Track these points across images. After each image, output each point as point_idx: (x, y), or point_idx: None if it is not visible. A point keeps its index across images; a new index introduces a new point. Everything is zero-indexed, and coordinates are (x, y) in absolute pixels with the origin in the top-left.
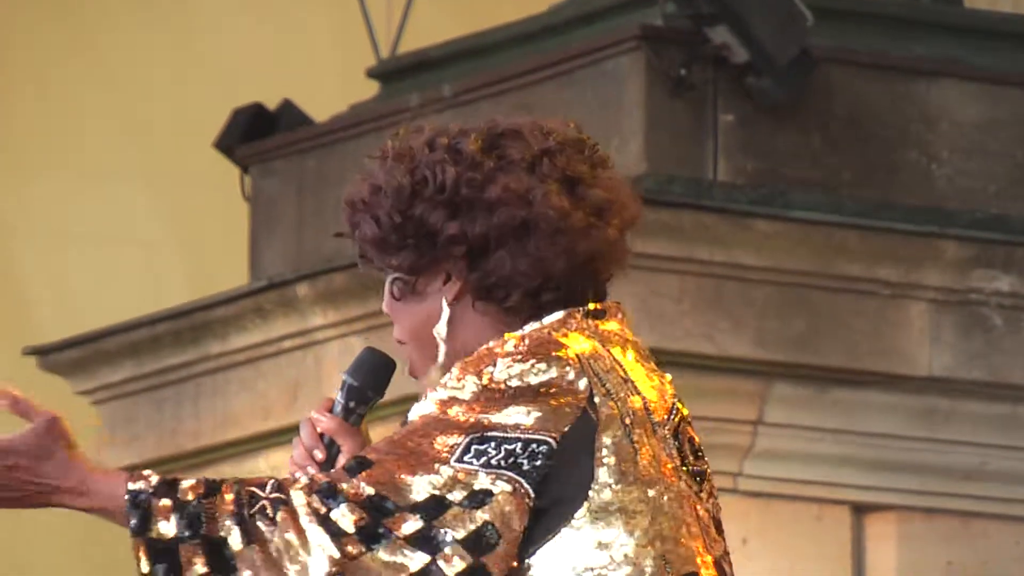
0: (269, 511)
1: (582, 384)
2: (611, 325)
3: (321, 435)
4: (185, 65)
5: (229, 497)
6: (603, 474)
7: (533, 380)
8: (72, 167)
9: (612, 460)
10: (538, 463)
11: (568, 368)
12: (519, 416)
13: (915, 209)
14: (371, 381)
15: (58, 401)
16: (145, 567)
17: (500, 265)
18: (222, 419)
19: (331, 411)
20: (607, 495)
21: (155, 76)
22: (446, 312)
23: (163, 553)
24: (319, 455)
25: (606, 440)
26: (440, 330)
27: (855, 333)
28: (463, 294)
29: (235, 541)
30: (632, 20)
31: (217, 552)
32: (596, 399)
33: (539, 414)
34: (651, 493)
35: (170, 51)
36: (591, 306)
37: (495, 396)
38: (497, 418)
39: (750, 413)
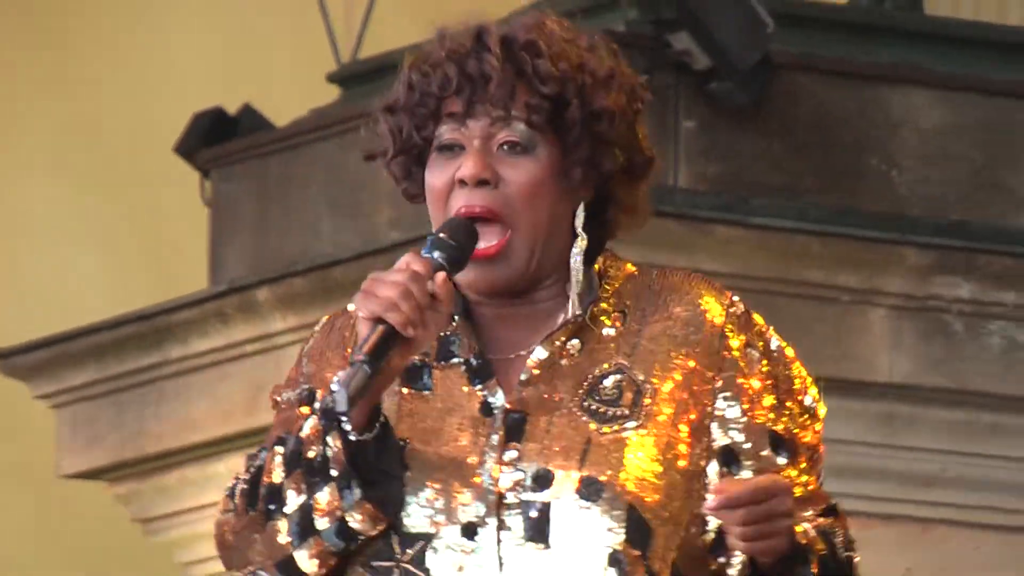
0: None
1: None
2: None
3: None
4: (145, 69)
5: None
6: None
7: None
8: (31, 170)
9: None
10: None
11: None
12: None
13: (877, 215)
14: (467, 247)
15: (17, 405)
16: None
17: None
18: (183, 423)
19: None
20: None
21: (116, 80)
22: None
23: None
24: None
25: None
26: (578, 223)
27: (816, 339)
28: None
29: None
30: (594, 25)
31: None
32: None
33: None
34: None
35: (130, 54)
36: None
37: None
38: None
39: None
